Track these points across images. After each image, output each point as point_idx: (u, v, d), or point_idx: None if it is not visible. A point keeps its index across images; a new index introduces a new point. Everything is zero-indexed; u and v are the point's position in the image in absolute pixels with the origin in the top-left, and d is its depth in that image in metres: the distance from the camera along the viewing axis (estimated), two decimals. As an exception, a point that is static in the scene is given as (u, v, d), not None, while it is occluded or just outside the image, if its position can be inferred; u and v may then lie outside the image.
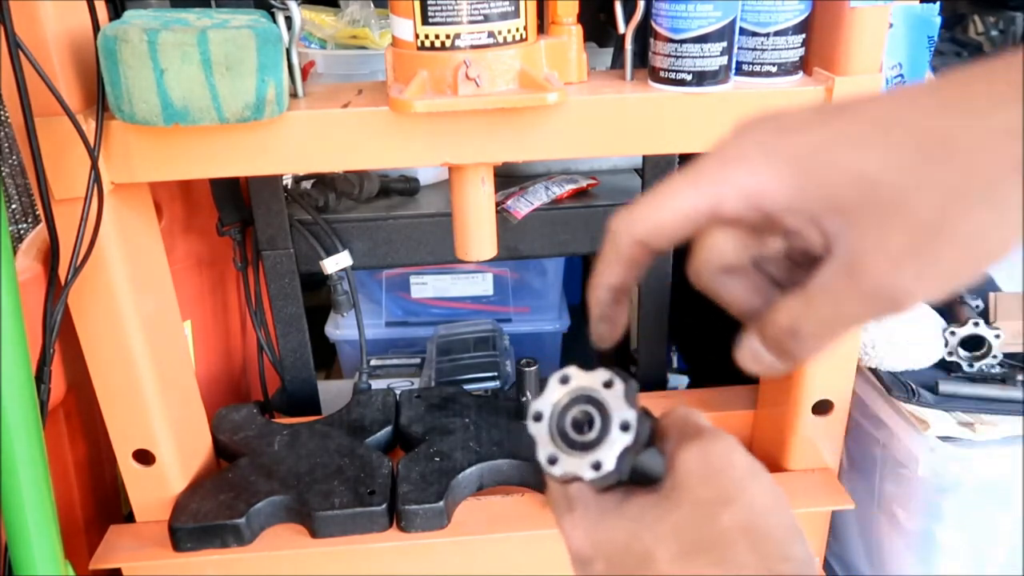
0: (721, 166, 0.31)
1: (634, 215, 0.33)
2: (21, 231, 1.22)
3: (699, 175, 0.32)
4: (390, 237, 1.00)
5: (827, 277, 0.30)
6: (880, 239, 0.29)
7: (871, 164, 0.29)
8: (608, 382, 0.36)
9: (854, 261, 0.30)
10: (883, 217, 0.29)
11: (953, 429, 0.84)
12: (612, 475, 0.36)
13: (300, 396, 1.06)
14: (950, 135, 0.29)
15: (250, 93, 0.66)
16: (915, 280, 0.29)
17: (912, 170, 0.29)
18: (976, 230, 0.29)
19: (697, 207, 0.32)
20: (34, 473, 0.64)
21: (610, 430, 0.36)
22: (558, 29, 0.73)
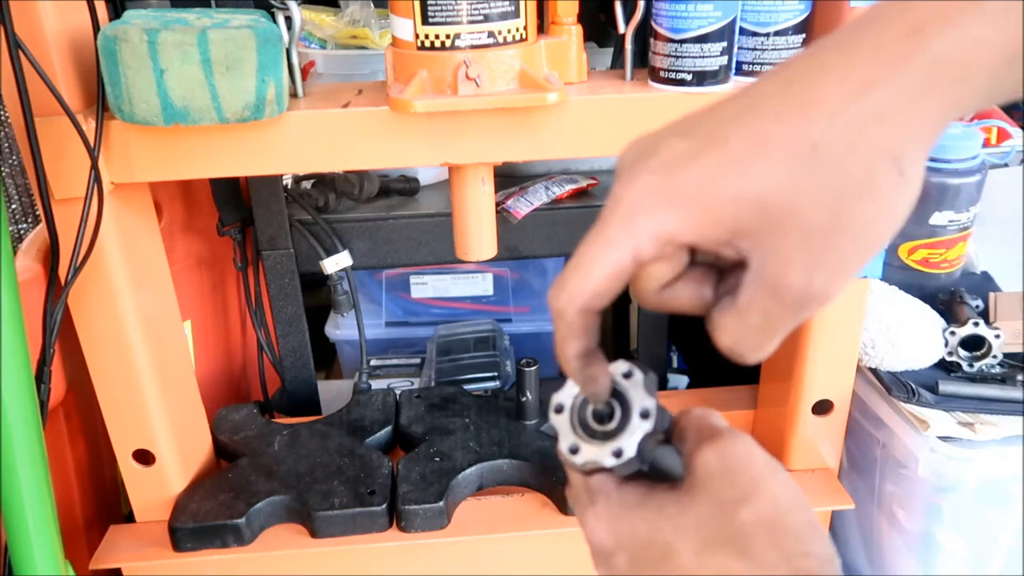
0: (627, 221, 0.32)
1: (569, 290, 0.34)
2: (21, 231, 1.22)
3: (610, 234, 0.33)
4: (390, 237, 1.00)
5: (751, 294, 0.32)
6: (786, 254, 0.31)
7: (755, 187, 0.31)
8: (627, 373, 0.37)
9: (771, 279, 0.31)
10: (782, 233, 0.31)
11: (953, 429, 0.84)
12: (633, 462, 0.36)
13: (300, 396, 1.06)
14: (817, 139, 0.30)
15: (250, 93, 0.66)
16: (827, 281, 0.31)
17: (793, 183, 0.30)
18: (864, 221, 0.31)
19: (620, 264, 0.33)
20: (34, 473, 0.64)
21: (631, 418, 0.36)
22: (558, 29, 0.73)
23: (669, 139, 0.33)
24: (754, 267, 0.32)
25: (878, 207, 0.31)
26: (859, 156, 0.30)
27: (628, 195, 0.33)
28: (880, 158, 0.30)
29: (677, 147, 0.33)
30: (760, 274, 0.32)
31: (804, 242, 0.31)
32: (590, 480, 0.38)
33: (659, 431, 0.37)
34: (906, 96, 0.30)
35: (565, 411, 0.38)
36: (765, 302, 0.32)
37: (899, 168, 0.30)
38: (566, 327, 0.35)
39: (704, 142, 0.32)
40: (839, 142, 0.30)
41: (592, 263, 0.33)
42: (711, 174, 0.31)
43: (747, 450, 0.36)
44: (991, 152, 1.20)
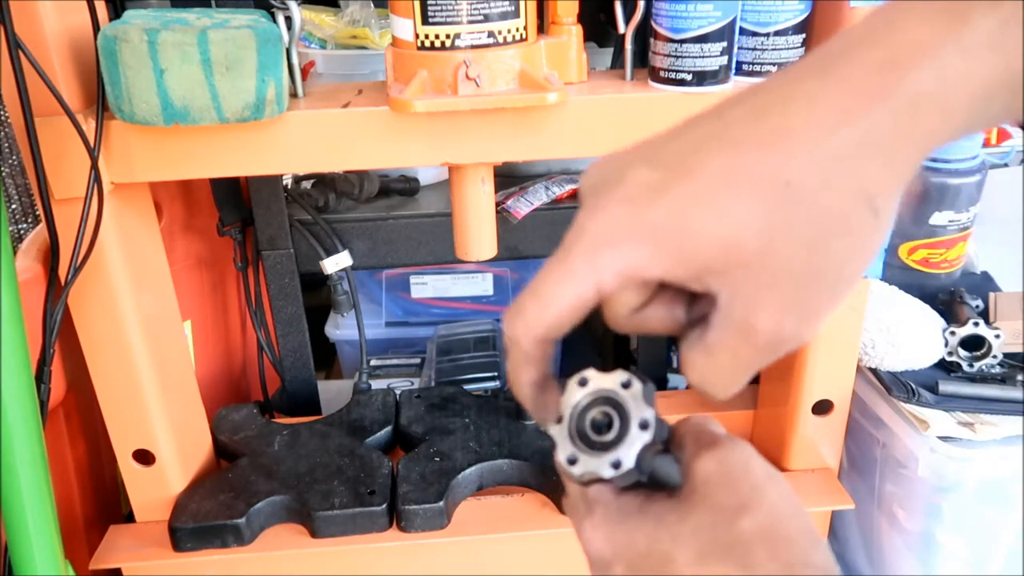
0: (590, 252, 0.31)
1: (526, 318, 0.33)
2: (21, 231, 1.22)
3: (573, 265, 0.32)
4: (390, 237, 1.00)
5: (720, 334, 0.31)
6: (756, 296, 0.30)
7: (724, 226, 0.29)
8: (626, 383, 0.37)
9: (740, 320, 0.30)
10: (751, 273, 0.30)
11: (953, 429, 0.84)
12: (632, 473, 0.36)
13: (300, 396, 1.06)
14: (791, 176, 0.29)
15: (250, 93, 0.66)
16: (798, 324, 0.30)
17: (765, 223, 0.29)
18: (838, 262, 0.30)
19: (580, 295, 0.32)
20: (34, 473, 0.64)
21: (629, 429, 0.36)
22: (558, 29, 0.73)
23: (635, 167, 0.32)
24: (722, 306, 0.31)
25: (851, 248, 0.29)
26: (834, 195, 0.29)
27: (592, 225, 0.32)
28: (855, 198, 0.29)
29: (643, 177, 0.31)
30: (729, 314, 0.31)
31: (775, 284, 0.29)
32: (587, 490, 0.37)
33: (658, 441, 0.36)
34: (883, 131, 0.29)
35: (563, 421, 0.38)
36: (733, 343, 0.31)
37: (873, 208, 0.29)
38: (521, 356, 0.34)
39: (671, 173, 0.31)
40: (814, 179, 0.29)
41: (552, 293, 0.32)
42: (678, 209, 0.30)
43: (746, 458, 0.35)
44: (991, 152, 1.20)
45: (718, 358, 0.32)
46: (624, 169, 0.32)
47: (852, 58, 0.29)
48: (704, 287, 0.31)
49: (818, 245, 0.29)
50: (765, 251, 0.29)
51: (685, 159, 0.31)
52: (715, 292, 0.31)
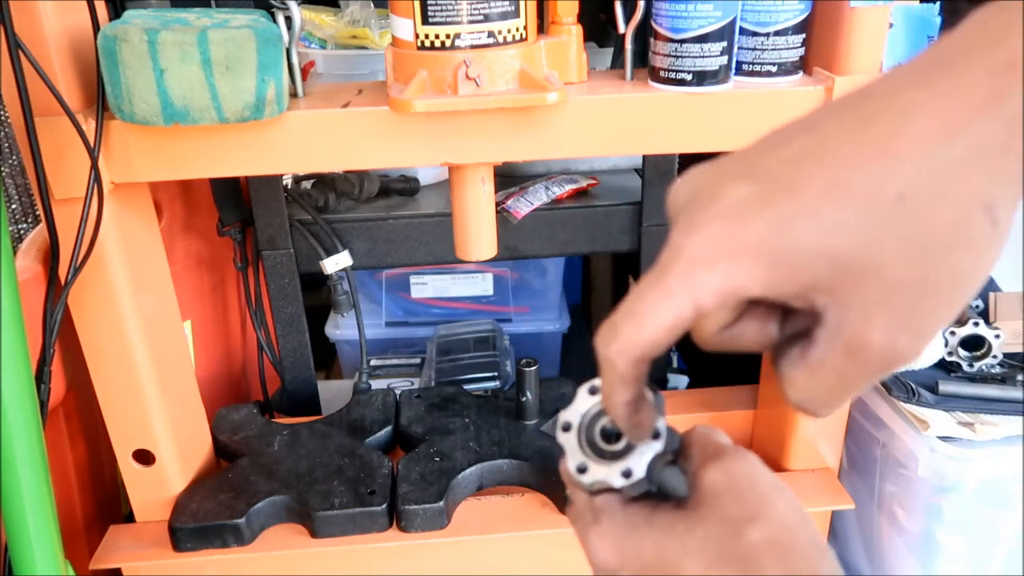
0: (688, 273, 0.30)
1: (621, 340, 0.32)
2: (21, 231, 1.22)
3: (670, 284, 0.31)
4: (390, 237, 1.00)
5: (826, 352, 0.30)
6: (868, 312, 0.28)
7: (831, 241, 0.28)
8: None
9: (848, 337, 0.29)
10: (861, 288, 0.28)
11: (953, 429, 0.84)
12: (642, 483, 0.36)
13: (300, 396, 1.06)
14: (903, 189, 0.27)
15: (250, 93, 0.66)
16: (912, 341, 0.29)
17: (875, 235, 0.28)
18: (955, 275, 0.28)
19: (678, 316, 0.31)
20: (34, 473, 0.64)
21: None
22: (558, 29, 0.73)
23: (732, 182, 0.30)
24: (830, 324, 0.29)
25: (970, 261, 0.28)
26: (950, 207, 0.27)
27: (689, 244, 0.30)
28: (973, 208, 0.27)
29: (741, 192, 0.30)
30: (837, 332, 0.29)
31: (888, 299, 0.28)
32: (595, 499, 0.37)
33: (668, 451, 0.36)
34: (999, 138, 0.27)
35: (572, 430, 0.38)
36: (841, 361, 0.29)
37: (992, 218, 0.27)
38: (617, 377, 0.33)
39: (771, 187, 0.29)
40: (927, 191, 0.27)
41: (648, 314, 0.31)
42: (782, 225, 0.29)
43: (752, 469, 0.35)
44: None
45: (824, 376, 0.30)
46: (719, 184, 0.31)
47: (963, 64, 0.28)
48: (809, 303, 0.30)
49: (935, 259, 0.28)
50: (876, 266, 0.28)
51: (785, 173, 0.30)
52: (821, 308, 0.29)
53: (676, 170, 0.99)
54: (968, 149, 0.27)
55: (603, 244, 1.03)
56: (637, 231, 1.02)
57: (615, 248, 1.04)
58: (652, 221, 1.01)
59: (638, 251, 1.03)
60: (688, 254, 0.30)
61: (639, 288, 0.32)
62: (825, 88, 0.73)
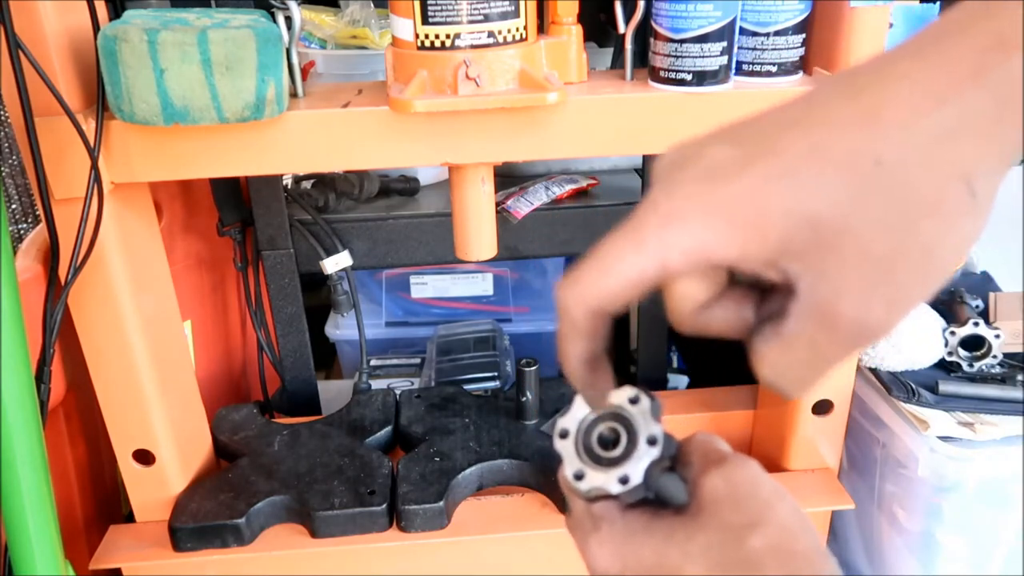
0: (660, 227, 0.30)
1: (581, 286, 0.31)
2: (21, 231, 1.22)
3: (640, 237, 0.30)
4: (390, 237, 1.00)
5: (799, 323, 0.30)
6: (840, 280, 0.28)
7: (808, 203, 0.28)
8: (634, 398, 0.37)
9: (821, 306, 0.29)
10: (837, 256, 0.28)
11: (953, 429, 0.84)
12: (639, 489, 0.36)
13: (300, 396, 1.06)
14: (883, 154, 0.27)
15: (250, 93, 0.66)
16: (886, 312, 0.28)
17: (851, 201, 0.28)
18: (928, 245, 0.28)
19: (643, 271, 0.30)
20: (34, 473, 0.64)
21: (637, 445, 0.36)
22: (558, 29, 0.73)
23: (715, 145, 0.31)
24: (803, 293, 0.29)
25: (945, 231, 0.28)
26: (929, 175, 0.27)
27: (665, 200, 0.30)
28: (952, 177, 0.27)
29: (723, 154, 0.30)
30: (810, 301, 0.29)
31: (862, 267, 0.28)
32: (593, 507, 0.37)
33: (665, 457, 0.36)
34: (984, 113, 0.27)
35: (570, 436, 0.37)
36: (814, 332, 0.29)
37: (971, 190, 0.27)
38: (570, 325, 0.33)
39: (754, 150, 0.29)
40: (907, 159, 0.27)
41: (613, 263, 0.31)
42: (759, 186, 0.29)
43: (753, 475, 0.35)
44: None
45: (796, 350, 0.30)
46: (702, 147, 0.31)
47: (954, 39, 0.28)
48: (782, 272, 0.29)
49: (908, 226, 0.27)
50: (851, 231, 0.28)
51: (768, 137, 0.30)
52: (794, 277, 0.29)
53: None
54: (952, 120, 0.27)
55: (603, 244, 1.03)
56: (637, 231, 1.01)
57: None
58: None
59: (638, 251, 1.02)
60: (663, 209, 0.30)
61: (608, 238, 0.31)
62: (825, 88, 0.72)
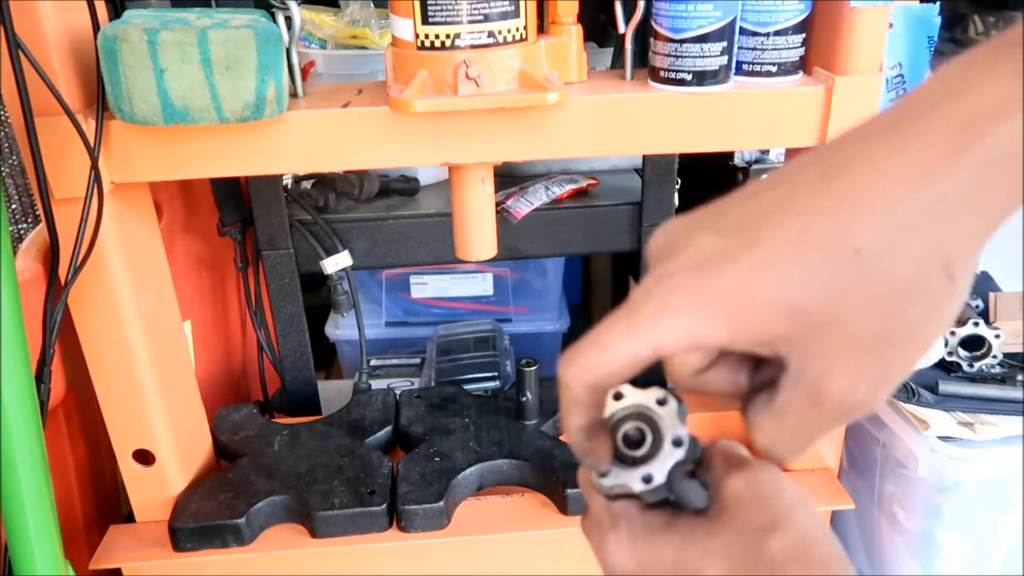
0: (654, 316, 0.31)
1: (581, 366, 0.33)
2: (21, 231, 1.22)
3: (635, 323, 0.32)
4: (390, 237, 1.00)
5: (789, 398, 0.31)
6: (828, 362, 0.29)
7: (791, 293, 0.29)
8: (662, 400, 0.37)
9: (809, 385, 0.30)
10: (821, 339, 0.29)
11: (953, 429, 0.84)
12: (661, 489, 0.36)
13: (300, 396, 1.06)
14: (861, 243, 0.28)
15: (250, 93, 0.66)
16: (871, 391, 0.30)
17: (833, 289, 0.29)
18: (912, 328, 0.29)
19: (639, 354, 0.32)
20: (34, 473, 0.64)
21: (662, 445, 0.36)
22: (558, 29, 0.73)
23: (701, 233, 0.32)
24: (792, 371, 0.30)
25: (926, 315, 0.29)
26: (907, 262, 0.28)
27: (657, 292, 0.31)
28: (930, 263, 0.28)
29: (709, 244, 0.31)
30: (798, 380, 0.30)
31: (847, 351, 0.29)
32: (613, 505, 0.37)
33: (689, 460, 0.36)
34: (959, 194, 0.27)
35: None
36: (803, 408, 0.31)
37: (949, 274, 0.28)
38: (572, 399, 0.34)
39: (736, 241, 0.30)
40: (885, 246, 0.28)
41: (611, 345, 0.32)
42: (744, 278, 0.30)
43: (776, 479, 0.35)
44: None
45: (786, 422, 0.32)
46: (690, 235, 0.32)
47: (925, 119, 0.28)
48: (773, 352, 0.31)
49: (892, 312, 0.29)
50: (836, 319, 0.29)
51: (750, 226, 0.30)
52: (785, 357, 0.30)
53: (676, 170, 0.99)
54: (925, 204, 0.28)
55: (603, 244, 1.03)
56: (637, 231, 1.02)
57: (615, 248, 1.04)
58: (652, 221, 1.01)
59: (638, 251, 1.03)
60: (656, 300, 0.31)
61: (608, 320, 0.33)
62: (825, 88, 0.73)
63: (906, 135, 0.28)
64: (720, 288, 0.30)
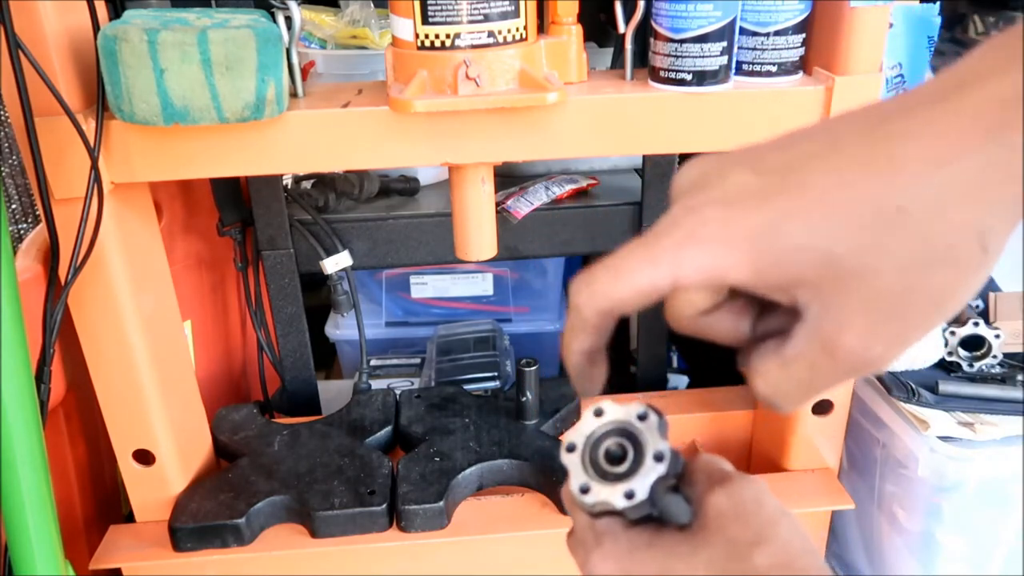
0: (677, 245, 0.31)
1: (595, 288, 0.33)
2: (21, 231, 1.22)
3: (657, 252, 0.31)
4: (390, 237, 1.00)
5: (801, 346, 0.31)
6: (847, 313, 0.29)
7: (825, 240, 0.29)
8: (642, 415, 0.37)
9: (825, 335, 0.30)
10: (846, 291, 0.29)
11: (953, 429, 0.84)
12: (644, 505, 0.36)
13: (300, 396, 1.06)
14: (900, 202, 0.28)
15: (250, 93, 0.66)
16: (886, 348, 0.30)
17: (867, 242, 0.29)
18: (938, 292, 0.29)
19: (656, 283, 0.31)
20: (34, 473, 0.64)
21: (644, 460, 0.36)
22: (558, 29, 0.73)
23: (738, 170, 0.31)
24: (809, 320, 0.30)
25: (954, 281, 0.29)
26: (945, 225, 0.28)
27: (686, 220, 0.31)
28: (966, 230, 0.28)
29: (746, 181, 0.31)
30: (815, 329, 0.30)
31: (870, 306, 0.29)
32: (597, 522, 0.37)
33: (671, 475, 0.36)
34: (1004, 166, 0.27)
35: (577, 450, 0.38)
36: (815, 358, 0.30)
37: (983, 244, 0.28)
38: (580, 321, 0.34)
39: (776, 182, 0.30)
40: (926, 208, 0.28)
41: (628, 271, 0.32)
42: (779, 220, 0.29)
43: (758, 493, 0.36)
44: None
45: (795, 371, 0.31)
46: (725, 170, 0.32)
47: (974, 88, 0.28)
48: (791, 299, 0.30)
49: (920, 273, 0.29)
50: (864, 272, 0.29)
51: (791, 170, 0.30)
52: (803, 305, 0.30)
53: (676, 170, 0.98)
54: (970, 174, 0.28)
55: (603, 244, 1.03)
56: (637, 231, 1.02)
57: (615, 248, 1.04)
58: (652, 221, 1.00)
59: (638, 251, 1.02)
60: (683, 229, 0.31)
61: (626, 247, 0.32)
62: (825, 88, 0.73)
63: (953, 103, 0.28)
64: (752, 224, 0.30)
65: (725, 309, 0.34)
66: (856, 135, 0.30)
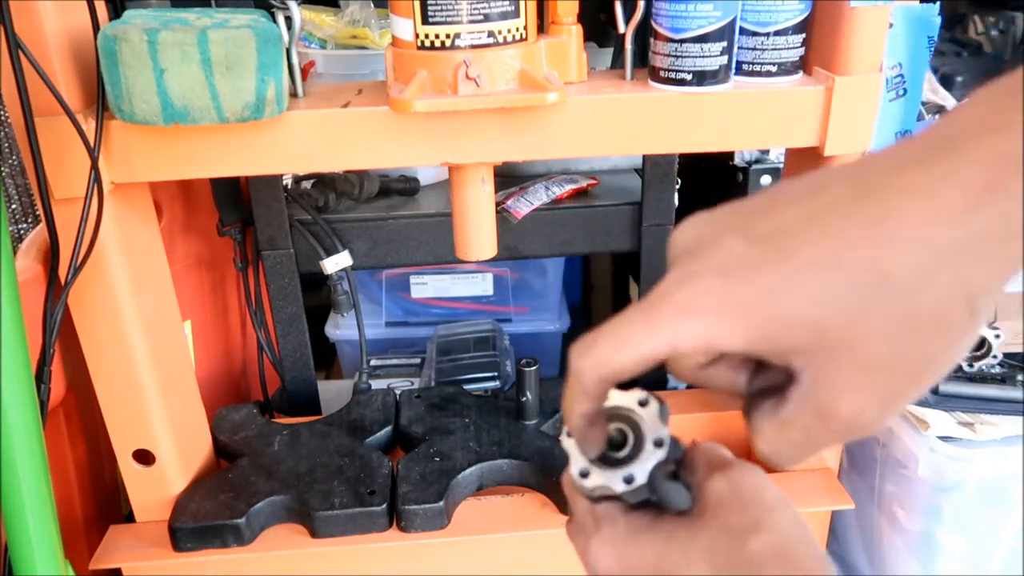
0: (675, 314, 0.32)
1: (596, 359, 0.33)
2: (21, 231, 1.22)
3: (655, 322, 0.32)
4: (390, 237, 1.00)
5: (796, 411, 0.31)
6: (839, 381, 0.30)
7: (815, 310, 0.29)
8: (643, 401, 0.37)
9: (818, 402, 0.30)
10: (837, 360, 0.30)
11: (953, 429, 0.84)
12: (643, 490, 0.36)
13: (300, 396, 1.06)
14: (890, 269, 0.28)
15: (250, 93, 0.66)
16: (879, 413, 0.30)
17: (857, 311, 0.29)
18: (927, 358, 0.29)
19: (655, 351, 0.32)
20: (34, 473, 0.64)
21: (644, 446, 0.36)
22: (558, 29, 0.73)
23: (731, 237, 0.32)
24: (803, 386, 0.31)
25: (943, 346, 0.29)
26: (933, 293, 0.28)
27: (681, 291, 0.32)
28: (954, 296, 0.28)
29: (738, 250, 0.31)
30: (808, 394, 0.31)
31: (861, 373, 0.29)
32: (596, 507, 0.37)
33: (671, 460, 0.37)
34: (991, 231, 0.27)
35: None
36: (809, 423, 0.31)
37: (971, 308, 0.28)
38: (581, 388, 0.34)
39: (766, 250, 0.31)
40: (913, 274, 0.28)
41: (627, 341, 0.32)
42: (771, 289, 0.30)
43: (757, 481, 0.36)
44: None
45: (790, 433, 0.32)
46: (718, 237, 0.32)
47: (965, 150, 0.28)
48: (785, 363, 0.31)
49: (910, 339, 0.29)
50: (855, 339, 0.29)
51: (781, 238, 0.31)
52: (797, 370, 0.31)
53: (676, 170, 0.99)
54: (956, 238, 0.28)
55: (603, 244, 1.03)
56: (637, 231, 1.02)
57: (615, 248, 1.04)
58: (652, 221, 1.01)
59: (638, 251, 1.03)
60: (679, 300, 0.32)
61: (625, 314, 0.33)
62: (825, 88, 0.73)
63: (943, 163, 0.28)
64: (746, 295, 0.30)
65: (722, 363, 0.35)
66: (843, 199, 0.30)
